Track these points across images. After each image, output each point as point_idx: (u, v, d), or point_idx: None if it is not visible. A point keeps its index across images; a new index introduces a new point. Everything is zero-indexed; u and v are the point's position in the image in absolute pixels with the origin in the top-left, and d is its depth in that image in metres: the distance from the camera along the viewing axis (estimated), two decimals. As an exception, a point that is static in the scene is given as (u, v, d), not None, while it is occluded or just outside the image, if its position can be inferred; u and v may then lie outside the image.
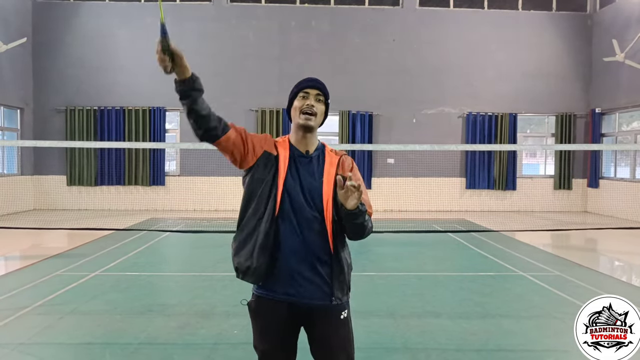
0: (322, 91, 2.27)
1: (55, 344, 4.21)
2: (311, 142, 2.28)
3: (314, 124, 2.23)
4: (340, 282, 2.19)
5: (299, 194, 2.16)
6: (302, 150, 2.26)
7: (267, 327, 2.22)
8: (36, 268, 6.82)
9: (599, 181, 13.88)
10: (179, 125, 13.99)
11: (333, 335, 2.20)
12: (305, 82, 2.30)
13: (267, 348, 2.23)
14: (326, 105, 2.31)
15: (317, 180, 2.20)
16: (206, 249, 8.41)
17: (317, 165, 2.25)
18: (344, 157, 2.32)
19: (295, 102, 2.26)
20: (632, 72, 12.49)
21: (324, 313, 2.18)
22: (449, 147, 11.67)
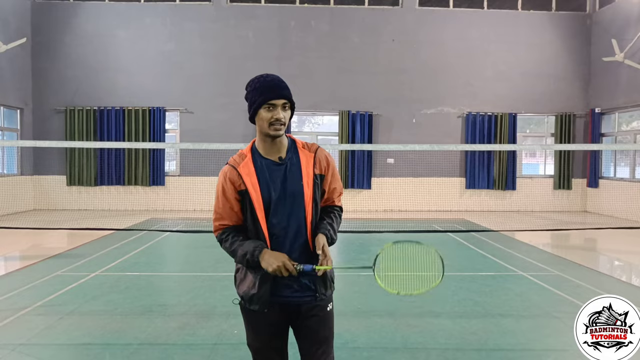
0: (287, 98, 2.21)
1: (55, 344, 4.21)
2: (281, 146, 2.27)
3: (283, 132, 2.22)
4: (323, 279, 2.28)
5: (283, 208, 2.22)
6: (274, 158, 2.25)
7: (258, 326, 2.30)
8: (36, 268, 6.82)
9: (598, 181, 13.89)
10: (179, 125, 13.99)
11: (321, 327, 2.30)
12: (269, 91, 2.18)
13: (260, 346, 2.32)
14: (292, 109, 2.27)
15: (297, 184, 2.22)
16: (206, 249, 8.41)
17: (294, 168, 2.25)
18: (318, 151, 2.32)
19: (262, 113, 2.18)
20: (631, 71, 12.49)
21: (312, 308, 2.28)
22: (448, 147, 11.68)
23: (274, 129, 2.18)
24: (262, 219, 2.20)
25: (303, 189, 2.22)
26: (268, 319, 2.27)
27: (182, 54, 13.83)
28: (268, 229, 2.21)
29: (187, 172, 13.84)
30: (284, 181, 2.22)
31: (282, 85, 2.22)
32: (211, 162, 13.16)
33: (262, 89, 2.19)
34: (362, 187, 13.83)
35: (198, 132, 13.47)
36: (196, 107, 13.85)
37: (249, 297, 2.25)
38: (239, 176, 2.23)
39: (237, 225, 2.31)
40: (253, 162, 2.25)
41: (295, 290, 2.25)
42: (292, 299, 2.26)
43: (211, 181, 13.30)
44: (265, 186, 2.21)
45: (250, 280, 2.25)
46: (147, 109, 13.65)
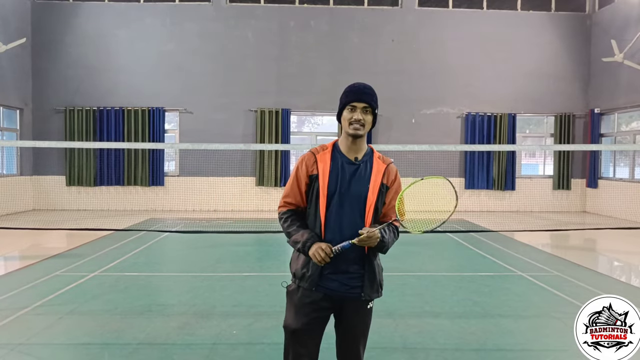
0: (368, 103, 2.42)
1: (55, 344, 4.21)
2: (360, 148, 2.49)
3: (362, 133, 2.44)
4: (371, 281, 2.44)
5: (344, 204, 2.39)
6: (351, 157, 2.46)
7: (300, 310, 2.44)
8: (35, 268, 6.82)
9: (597, 181, 13.90)
10: (178, 125, 13.98)
11: (359, 323, 2.48)
12: (352, 95, 2.43)
13: (297, 327, 2.44)
14: (374, 115, 2.49)
15: (364, 186, 2.41)
16: (205, 249, 8.41)
17: (365, 172, 2.46)
18: (390, 165, 2.55)
19: (344, 113, 2.45)
20: (631, 72, 12.50)
21: (355, 303, 2.45)
22: (448, 148, 11.67)
23: (352, 128, 2.41)
24: (322, 207, 2.38)
25: (368, 192, 2.40)
26: (313, 301, 2.41)
27: (182, 54, 13.83)
28: (326, 219, 2.38)
29: (186, 172, 13.84)
30: (352, 179, 2.41)
31: (366, 92, 2.44)
32: (210, 162, 13.19)
33: (348, 93, 2.46)
34: (361, 188, 13.80)
35: (197, 132, 13.47)
36: (195, 107, 13.85)
37: (301, 275, 2.44)
38: (314, 162, 2.45)
39: (299, 207, 2.52)
40: (332, 154, 2.48)
41: (343, 284, 2.40)
42: (338, 292, 2.41)
43: (210, 181, 13.35)
44: (335, 178, 2.41)
45: (303, 260, 2.44)
46: (147, 109, 13.64)
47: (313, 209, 2.44)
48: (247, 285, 6.11)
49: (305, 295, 2.43)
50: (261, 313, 4.93)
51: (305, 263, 2.43)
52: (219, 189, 13.28)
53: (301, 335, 2.44)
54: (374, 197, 2.40)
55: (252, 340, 4.30)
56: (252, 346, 4.17)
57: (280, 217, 2.53)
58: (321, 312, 2.44)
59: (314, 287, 2.40)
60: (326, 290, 2.41)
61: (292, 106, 13.96)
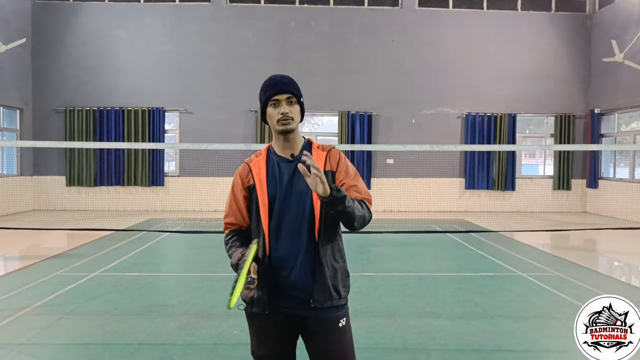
0: (292, 93, 2.19)
1: (55, 344, 4.21)
2: (295, 143, 2.22)
3: (293, 127, 2.17)
4: (321, 284, 2.12)
5: (289, 207, 2.14)
6: (287, 155, 2.20)
7: (263, 330, 2.20)
8: (35, 268, 6.82)
9: (598, 181, 13.89)
10: (178, 125, 13.98)
11: (330, 345, 2.15)
12: (271, 88, 2.19)
13: (264, 353, 2.21)
14: (300, 104, 2.24)
15: (305, 181, 2.03)
16: (205, 249, 8.41)
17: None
18: (332, 150, 2.25)
19: (269, 110, 2.20)
20: (631, 72, 12.50)
21: (320, 322, 2.14)
22: (448, 148, 11.68)
23: (281, 124, 2.15)
24: (265, 217, 2.14)
25: None
26: (272, 324, 2.16)
27: (182, 54, 13.83)
28: (269, 229, 2.14)
29: (186, 172, 13.84)
30: (292, 178, 2.16)
31: (285, 81, 2.21)
32: (210, 162, 13.17)
33: (266, 87, 2.22)
34: (361, 188, 13.80)
35: (197, 132, 13.47)
36: (196, 107, 13.84)
37: (249, 299, 2.18)
38: (249, 171, 2.23)
39: (241, 227, 2.27)
40: (266, 159, 2.23)
41: (297, 302, 2.13)
42: (293, 310, 2.15)
43: (210, 181, 13.34)
44: (273, 182, 2.17)
45: None
46: (147, 109, 13.64)
47: (255, 222, 2.18)
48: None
49: (261, 319, 2.17)
50: (261, 313, 4.93)
51: None
52: (219, 189, 13.24)
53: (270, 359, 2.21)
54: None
55: (253, 340, 4.29)
56: (253, 346, 4.16)
57: (225, 241, 2.27)
58: (283, 333, 2.19)
59: (267, 311, 2.13)
60: (280, 308, 2.14)
61: (292, 106, 13.93)
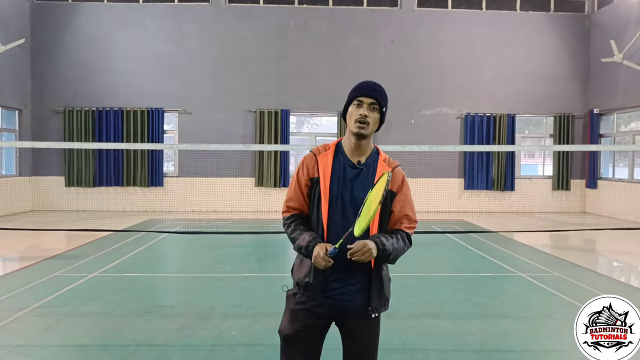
0: (376, 99, 2.26)
1: (53, 345, 4.20)
2: (364, 150, 2.31)
3: (366, 132, 2.24)
4: (379, 293, 2.28)
5: (347, 209, 2.23)
6: (354, 160, 2.29)
7: (295, 315, 2.31)
8: (34, 269, 6.80)
9: (597, 182, 13.90)
10: (177, 126, 13.97)
11: (364, 332, 2.31)
12: (360, 89, 2.28)
13: (292, 334, 2.30)
14: (381, 113, 2.30)
15: (366, 191, 2.20)
16: (205, 250, 8.40)
17: (368, 176, 2.28)
18: (397, 168, 2.33)
19: (350, 109, 2.29)
20: (630, 72, 12.51)
21: (358, 313, 2.28)
22: (447, 148, 11.67)
23: (357, 126, 2.23)
24: (324, 212, 2.24)
25: None
26: (310, 308, 2.28)
27: (181, 55, 13.82)
28: (328, 225, 2.24)
29: (185, 173, 13.83)
30: (354, 184, 2.25)
31: (375, 88, 2.29)
32: (210, 163, 13.18)
33: (355, 88, 2.30)
34: (361, 188, 13.79)
35: (197, 133, 13.46)
36: (195, 108, 13.84)
37: (304, 284, 2.28)
38: (315, 163, 2.30)
39: (302, 212, 2.37)
40: (334, 156, 2.31)
41: (347, 295, 2.26)
42: (341, 302, 2.27)
43: (210, 182, 13.34)
44: (336, 182, 2.26)
45: (307, 268, 2.28)
46: (146, 109, 13.63)
47: (315, 213, 2.30)
48: (246, 286, 6.10)
49: (303, 302, 2.29)
50: (260, 314, 4.92)
51: (308, 272, 2.27)
52: (218, 189, 13.26)
53: (295, 342, 2.30)
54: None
55: (252, 341, 4.29)
56: (252, 347, 4.16)
57: (284, 223, 2.39)
58: (318, 319, 2.30)
59: (319, 295, 2.26)
60: (329, 300, 2.27)
61: (292, 107, 13.96)
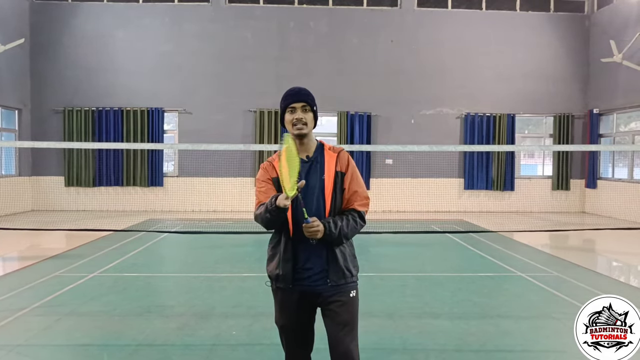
0: (305, 101, 2.56)
1: (53, 345, 4.20)
2: (309, 146, 2.62)
3: (306, 131, 2.56)
4: (335, 266, 2.53)
5: (306, 199, 2.47)
6: (303, 156, 2.57)
7: (285, 303, 2.60)
8: (34, 269, 6.81)
9: (596, 182, 13.91)
10: (177, 126, 13.97)
11: (342, 311, 2.53)
12: (289, 98, 2.58)
13: (284, 322, 2.62)
14: (314, 112, 2.62)
15: (319, 177, 2.54)
16: (204, 250, 8.41)
17: (317, 165, 2.58)
18: (341, 152, 2.63)
19: (286, 116, 2.58)
20: (629, 72, 12.51)
21: (333, 294, 2.53)
22: (447, 148, 11.69)
23: (296, 129, 2.54)
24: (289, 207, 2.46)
25: (324, 182, 2.53)
26: (293, 297, 2.55)
27: (181, 55, 13.82)
28: (292, 216, 2.50)
29: (185, 172, 13.83)
30: (307, 176, 2.53)
31: (302, 92, 2.60)
32: (210, 162, 13.18)
33: (285, 97, 2.60)
34: (360, 188, 13.79)
35: (196, 132, 13.46)
36: (195, 107, 13.84)
37: (275, 275, 2.57)
38: (272, 167, 2.60)
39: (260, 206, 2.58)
40: None
41: (313, 280, 2.52)
42: (310, 287, 2.53)
43: (210, 182, 13.34)
44: None
45: (275, 261, 2.58)
46: (146, 109, 13.63)
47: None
48: (246, 286, 6.10)
49: (284, 294, 2.57)
50: (260, 314, 4.93)
51: (277, 264, 2.56)
52: (218, 189, 13.26)
53: (288, 329, 2.62)
54: (331, 184, 2.53)
55: (252, 341, 4.29)
56: (252, 347, 4.16)
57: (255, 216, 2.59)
58: (303, 307, 2.57)
59: (290, 285, 2.53)
60: (301, 286, 2.53)
61: (291, 107, 13.93)
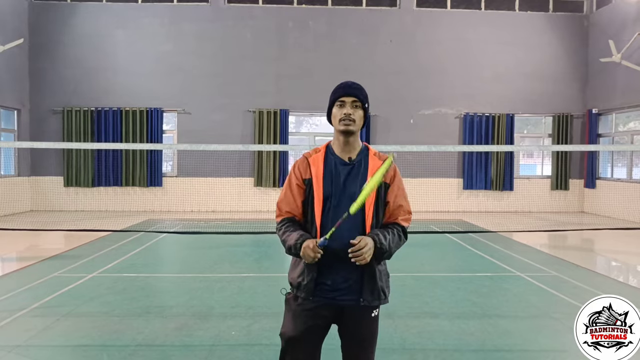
0: (357, 97, 2.34)
1: (52, 346, 4.19)
2: (353, 146, 2.38)
3: (353, 128, 2.32)
4: (371, 286, 2.31)
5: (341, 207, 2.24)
6: (344, 157, 2.37)
7: (297, 317, 2.35)
8: (33, 269, 6.80)
9: (595, 182, 13.92)
10: (176, 126, 13.96)
11: (363, 332, 2.36)
12: (340, 90, 2.36)
13: (293, 335, 2.35)
14: (364, 110, 2.38)
15: (359, 186, 2.27)
16: (204, 250, 8.40)
17: (360, 171, 2.34)
18: (388, 160, 2.35)
19: (334, 110, 2.37)
20: (628, 72, 12.52)
21: (356, 311, 2.33)
22: (446, 148, 11.66)
23: (343, 124, 2.32)
24: (318, 211, 2.28)
25: None
26: (311, 309, 2.32)
27: (180, 55, 13.81)
28: (322, 224, 2.27)
29: (184, 173, 13.82)
30: (347, 180, 2.31)
31: (354, 86, 2.37)
32: (209, 163, 13.17)
33: (336, 90, 2.39)
34: (360, 188, 13.80)
35: (196, 133, 13.45)
36: (194, 107, 13.83)
37: (297, 284, 2.34)
38: (307, 165, 2.37)
39: (294, 216, 2.39)
40: (325, 156, 2.39)
41: (340, 291, 2.30)
42: (336, 299, 2.31)
43: (209, 182, 13.33)
44: (329, 180, 2.32)
45: (300, 268, 2.34)
46: (145, 109, 13.62)
47: (310, 215, 2.34)
48: (245, 287, 6.09)
49: (302, 303, 2.34)
50: (260, 314, 4.92)
51: (301, 272, 2.33)
52: (217, 189, 13.26)
53: (298, 343, 2.35)
54: (373, 197, 2.28)
55: (251, 341, 4.29)
56: (251, 347, 4.16)
57: (277, 227, 2.41)
58: (319, 320, 2.34)
59: (311, 296, 2.30)
60: (324, 299, 2.31)
61: (291, 107, 13.96)
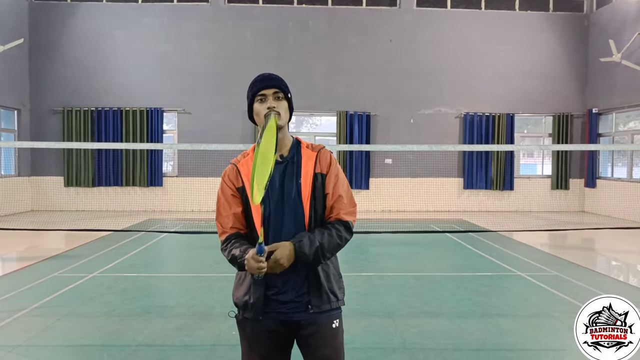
0: (279, 88, 2.11)
1: (53, 346, 4.20)
2: (284, 142, 2.13)
3: (281, 123, 2.06)
4: (317, 289, 2.07)
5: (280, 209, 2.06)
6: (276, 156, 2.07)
7: (255, 338, 2.12)
8: (33, 269, 6.80)
9: (596, 181, 13.91)
10: (177, 126, 13.96)
11: (322, 346, 2.09)
12: (258, 83, 2.12)
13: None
14: (288, 100, 2.14)
15: (296, 182, 2.07)
16: (204, 250, 8.40)
17: (293, 166, 2.12)
18: (322, 151, 2.16)
19: (255, 107, 2.12)
20: (628, 72, 12.51)
21: (311, 323, 2.08)
22: (446, 148, 11.70)
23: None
24: (257, 220, 2.03)
25: (301, 186, 2.06)
26: (266, 330, 2.08)
27: (180, 55, 13.81)
28: (265, 228, 2.04)
29: (185, 172, 13.82)
30: (283, 179, 2.09)
31: (272, 77, 2.13)
32: (209, 162, 13.15)
33: (253, 84, 2.15)
34: (360, 188, 13.82)
35: (196, 132, 13.45)
36: (194, 107, 13.83)
37: (243, 303, 2.09)
38: (237, 172, 2.16)
39: (238, 230, 2.14)
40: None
41: (291, 307, 2.07)
42: (287, 314, 2.07)
43: (209, 182, 13.28)
44: None
45: (245, 286, 2.09)
46: (145, 109, 13.62)
47: (251, 222, 2.10)
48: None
49: (254, 326, 2.09)
50: (260, 314, 4.92)
51: (246, 290, 2.07)
52: (218, 189, 13.24)
53: None
54: (309, 189, 2.06)
55: (251, 341, 4.28)
56: (251, 347, 4.16)
57: (222, 249, 2.13)
58: (278, 338, 2.11)
59: (260, 316, 2.05)
60: (276, 314, 2.06)
61: (291, 106, 13.94)
